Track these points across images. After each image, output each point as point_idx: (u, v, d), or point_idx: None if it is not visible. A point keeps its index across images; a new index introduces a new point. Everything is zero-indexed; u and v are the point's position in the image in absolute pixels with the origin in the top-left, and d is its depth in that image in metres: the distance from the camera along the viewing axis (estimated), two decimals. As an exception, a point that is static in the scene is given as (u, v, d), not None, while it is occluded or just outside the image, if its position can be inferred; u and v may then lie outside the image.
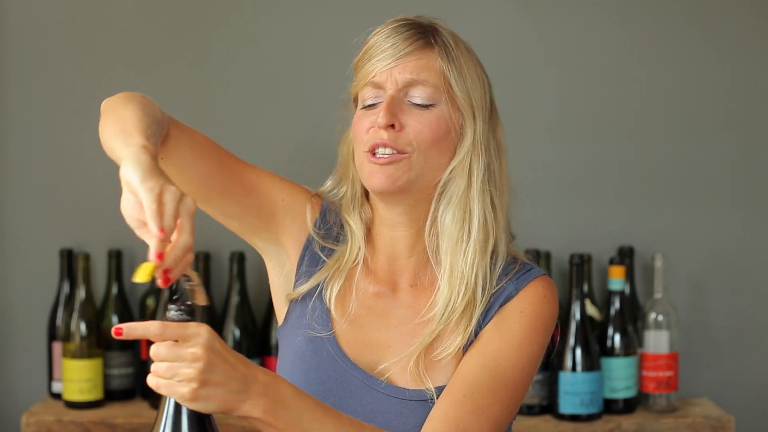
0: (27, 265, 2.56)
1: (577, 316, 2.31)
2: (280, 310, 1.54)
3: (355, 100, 1.51)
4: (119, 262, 2.49)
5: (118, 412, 2.34)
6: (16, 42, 2.54)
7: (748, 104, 2.54)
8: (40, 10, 2.54)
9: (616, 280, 2.36)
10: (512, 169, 2.52)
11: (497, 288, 1.45)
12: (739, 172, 2.54)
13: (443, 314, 1.43)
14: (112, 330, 1.14)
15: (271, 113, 2.53)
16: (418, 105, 1.44)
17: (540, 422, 2.31)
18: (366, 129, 1.45)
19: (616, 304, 2.36)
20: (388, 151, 1.42)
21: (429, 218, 1.47)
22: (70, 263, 2.49)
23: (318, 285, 1.49)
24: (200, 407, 1.13)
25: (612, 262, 2.37)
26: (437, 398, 1.38)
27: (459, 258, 1.44)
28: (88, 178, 2.54)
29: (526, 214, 2.53)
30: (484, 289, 1.44)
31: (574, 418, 2.29)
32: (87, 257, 2.42)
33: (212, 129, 2.54)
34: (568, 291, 2.39)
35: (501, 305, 1.44)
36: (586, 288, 2.43)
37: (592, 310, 2.42)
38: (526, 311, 1.44)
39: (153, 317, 2.37)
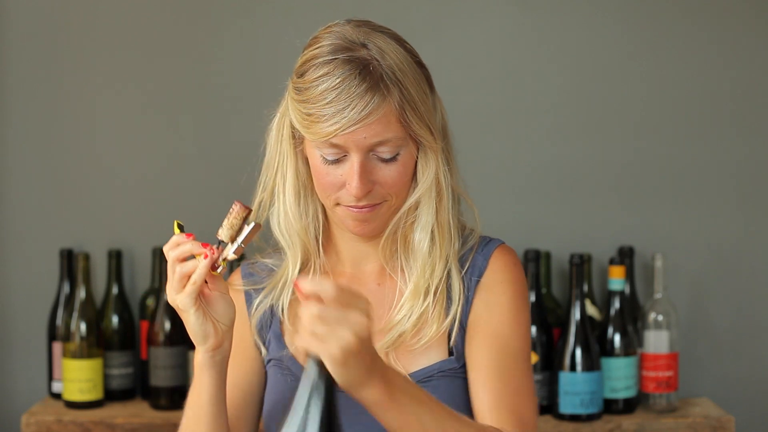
0: (27, 265, 2.56)
1: (577, 316, 2.30)
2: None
3: None
4: (119, 262, 2.48)
5: (118, 412, 2.34)
6: (16, 42, 2.54)
7: (748, 104, 2.54)
8: (41, 10, 2.54)
9: (616, 280, 2.35)
10: (513, 168, 2.54)
11: (467, 264, 1.46)
12: (740, 172, 2.54)
13: (407, 318, 1.43)
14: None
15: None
16: (385, 158, 1.39)
17: (540, 422, 2.30)
18: (336, 186, 1.40)
19: (616, 304, 2.36)
20: (363, 202, 1.40)
21: (389, 230, 1.45)
22: (70, 263, 2.49)
23: (270, 307, 1.52)
24: (340, 374, 1.12)
25: (612, 262, 2.37)
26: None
27: (426, 273, 1.44)
28: (88, 178, 2.54)
29: (527, 214, 2.56)
30: (459, 292, 1.45)
31: (574, 418, 2.29)
32: (87, 257, 2.41)
33: (212, 131, 2.55)
34: (568, 291, 2.38)
35: (478, 279, 1.46)
36: (586, 288, 2.43)
37: (592, 310, 2.42)
38: (506, 281, 1.46)
39: (153, 317, 2.37)
